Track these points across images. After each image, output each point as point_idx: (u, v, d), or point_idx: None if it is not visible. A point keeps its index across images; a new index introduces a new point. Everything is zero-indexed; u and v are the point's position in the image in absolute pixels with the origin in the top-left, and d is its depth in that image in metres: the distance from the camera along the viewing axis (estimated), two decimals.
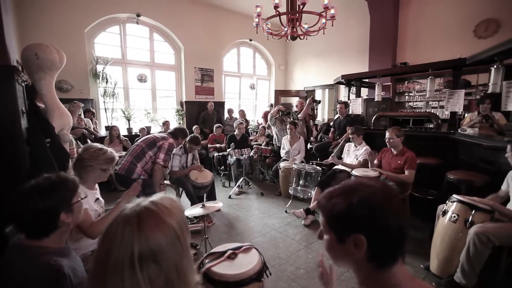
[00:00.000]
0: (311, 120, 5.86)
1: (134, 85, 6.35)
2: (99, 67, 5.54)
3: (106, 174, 1.87)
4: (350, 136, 3.86)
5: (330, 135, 5.04)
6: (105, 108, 5.73)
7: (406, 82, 6.00)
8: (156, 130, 6.14)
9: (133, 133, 5.93)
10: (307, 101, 5.43)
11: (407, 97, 6.02)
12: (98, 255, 0.70)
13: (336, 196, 0.73)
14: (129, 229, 0.69)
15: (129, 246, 0.66)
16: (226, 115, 7.49)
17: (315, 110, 5.95)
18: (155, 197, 0.79)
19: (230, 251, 1.78)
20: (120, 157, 4.47)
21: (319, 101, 5.85)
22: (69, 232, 1.24)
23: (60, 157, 2.20)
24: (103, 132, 5.71)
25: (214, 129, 6.19)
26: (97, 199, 1.91)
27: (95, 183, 1.92)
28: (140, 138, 3.26)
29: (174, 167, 3.70)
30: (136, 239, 0.67)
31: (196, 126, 6.37)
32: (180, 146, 3.72)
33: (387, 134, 3.22)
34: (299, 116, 5.29)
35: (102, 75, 5.53)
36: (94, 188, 1.92)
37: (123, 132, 5.82)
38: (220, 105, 7.53)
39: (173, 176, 3.74)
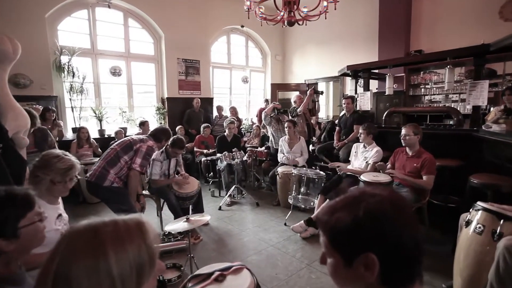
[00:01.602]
0: (313, 117, 5.87)
1: (106, 79, 6.30)
2: (64, 59, 5.48)
3: (61, 188, 1.81)
4: (361, 131, 3.83)
5: (335, 135, 5.05)
6: (72, 107, 5.67)
7: (421, 72, 6.05)
8: (132, 132, 6.10)
9: (106, 135, 5.89)
10: (308, 92, 5.43)
11: (423, 89, 6.07)
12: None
13: (339, 209, 0.72)
14: (59, 242, 0.67)
15: (51, 262, 0.64)
16: (215, 113, 7.48)
17: (317, 103, 5.94)
18: (124, 217, 0.73)
19: (217, 273, 1.75)
20: (86, 164, 4.51)
21: (322, 92, 5.88)
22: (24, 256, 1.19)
23: (14, 165, 2.14)
24: (69, 135, 5.65)
25: (202, 129, 6.17)
26: (60, 215, 1.86)
27: (57, 197, 1.87)
28: (116, 142, 3.25)
29: (154, 175, 3.66)
30: (59, 255, 0.65)
31: (180, 126, 6.35)
32: (161, 150, 3.68)
33: (404, 131, 3.23)
34: (298, 110, 5.30)
35: (68, 68, 5.47)
36: (56, 202, 1.88)
37: (94, 134, 5.76)
38: (207, 101, 7.51)
39: (153, 186, 3.71)
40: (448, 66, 4.09)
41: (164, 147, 3.64)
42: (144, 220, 0.73)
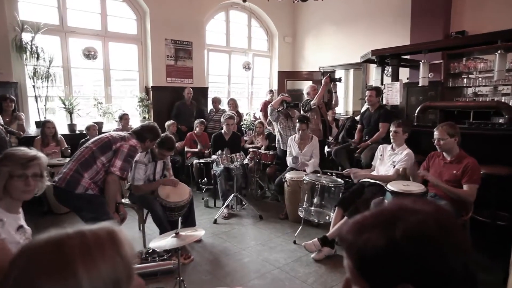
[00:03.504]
0: (329, 112, 5.85)
1: (78, 63, 6.30)
2: (26, 37, 5.48)
3: (21, 185, 1.80)
4: (393, 129, 3.80)
5: (356, 135, 5.03)
6: (35, 96, 5.68)
7: (464, 59, 6.02)
8: (110, 127, 6.09)
9: (77, 131, 5.88)
10: (323, 81, 5.42)
11: (465, 80, 6.04)
12: None
13: (369, 228, 0.71)
14: (14, 263, 0.67)
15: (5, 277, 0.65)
16: (210, 106, 7.47)
17: (335, 94, 5.93)
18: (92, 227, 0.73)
19: None
20: (53, 166, 4.49)
21: (339, 79, 5.87)
22: None
23: None
24: (32, 131, 5.65)
25: (194, 126, 6.16)
26: (21, 226, 1.87)
27: (17, 203, 1.87)
28: (90, 139, 3.26)
29: (137, 180, 3.66)
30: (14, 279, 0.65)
31: (171, 122, 6.37)
32: (147, 151, 3.69)
33: (436, 134, 3.22)
34: (311, 103, 5.29)
35: (31, 48, 5.48)
36: (17, 211, 1.88)
37: (63, 130, 5.75)
38: (201, 92, 7.51)
39: (135, 193, 3.70)
40: (499, 51, 4.06)
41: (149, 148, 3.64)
42: (116, 228, 0.74)
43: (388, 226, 0.69)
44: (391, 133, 3.84)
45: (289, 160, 4.91)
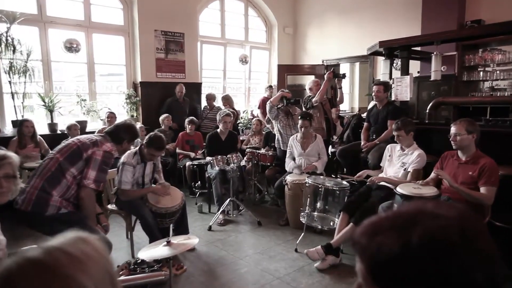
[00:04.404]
0: (333, 109, 5.88)
1: (59, 56, 6.27)
2: (1, 27, 5.46)
3: None
4: (395, 132, 3.84)
5: (362, 133, 5.05)
6: (12, 93, 5.66)
7: (480, 50, 6.04)
8: (95, 127, 6.07)
9: (59, 131, 5.86)
10: (325, 75, 5.42)
11: (481, 73, 6.06)
12: None
13: (384, 230, 0.71)
14: None
15: None
16: (204, 103, 7.48)
17: (339, 90, 5.96)
18: (57, 239, 0.74)
19: None
20: (31, 169, 4.45)
21: (344, 75, 5.86)
22: None
23: None
24: (8, 131, 5.65)
25: (186, 124, 6.18)
26: None
27: None
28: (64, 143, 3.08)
29: (124, 184, 3.64)
30: None
31: (165, 115, 6.36)
32: (135, 151, 3.68)
33: (453, 129, 3.23)
34: (313, 100, 5.30)
35: (6, 40, 5.46)
36: None
37: (43, 130, 5.72)
38: (194, 88, 7.52)
39: (123, 198, 3.69)
40: None
41: (138, 148, 3.66)
42: (87, 240, 0.76)
43: (405, 230, 0.69)
44: (395, 138, 3.87)
45: (289, 164, 4.89)
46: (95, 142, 2.98)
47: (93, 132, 5.44)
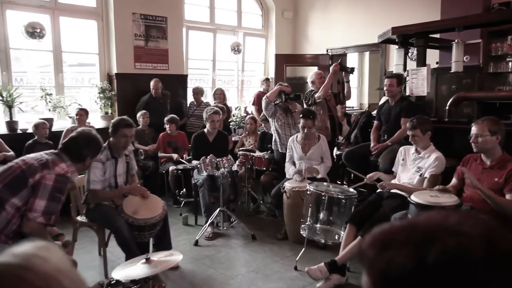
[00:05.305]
0: (338, 106, 5.88)
1: (20, 43, 6.19)
2: None
3: None
4: (409, 133, 3.84)
5: (372, 133, 5.03)
6: None
7: (509, 37, 6.00)
8: (63, 126, 6.03)
9: (19, 131, 5.77)
10: (331, 68, 5.44)
11: (510, 64, 6.03)
12: None
13: (396, 244, 0.72)
14: None
15: None
16: (190, 98, 7.48)
17: (347, 85, 5.97)
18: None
19: None
20: None
21: (352, 69, 5.87)
22: None
23: None
24: None
25: (165, 124, 6.20)
26: None
27: None
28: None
29: (93, 183, 3.68)
30: None
31: (142, 112, 6.34)
32: (104, 146, 3.63)
33: (474, 129, 3.22)
34: (316, 95, 5.32)
35: None
36: None
37: (0, 129, 5.70)
38: (179, 80, 7.52)
39: (93, 202, 3.73)
40: None
41: (106, 142, 3.67)
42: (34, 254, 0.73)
43: (421, 246, 0.70)
44: (409, 138, 3.88)
45: (289, 169, 4.89)
46: (45, 164, 2.73)
47: (60, 132, 5.40)
